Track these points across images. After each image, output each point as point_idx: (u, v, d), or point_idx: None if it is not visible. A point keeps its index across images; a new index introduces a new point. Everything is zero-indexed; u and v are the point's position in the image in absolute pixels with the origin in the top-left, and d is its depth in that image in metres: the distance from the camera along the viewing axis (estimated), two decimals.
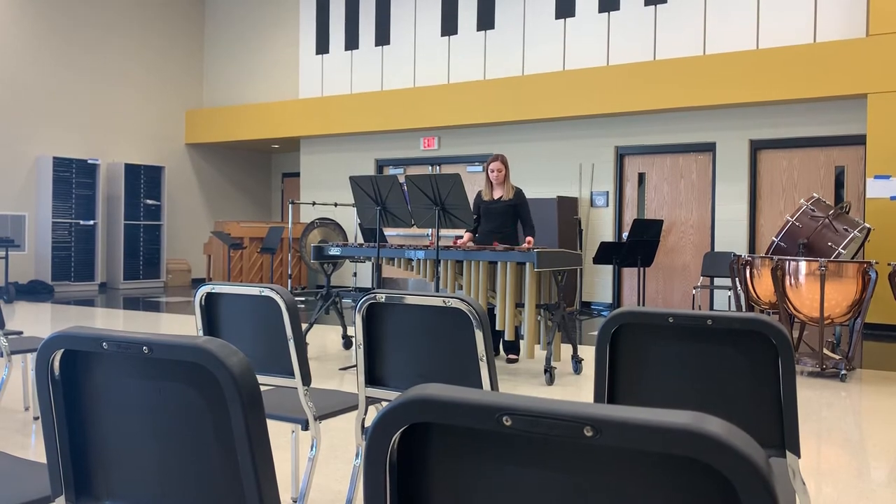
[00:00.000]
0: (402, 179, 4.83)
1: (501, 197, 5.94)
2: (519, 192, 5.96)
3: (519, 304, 5.38)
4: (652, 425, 0.69)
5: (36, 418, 4.16)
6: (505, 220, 5.94)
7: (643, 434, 0.69)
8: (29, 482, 1.72)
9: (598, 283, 10.10)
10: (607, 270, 10.01)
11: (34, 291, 11.47)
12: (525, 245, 5.66)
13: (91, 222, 12.10)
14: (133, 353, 1.16)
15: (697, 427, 0.67)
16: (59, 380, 1.26)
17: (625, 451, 0.74)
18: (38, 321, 8.23)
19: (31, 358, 4.37)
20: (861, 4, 8.30)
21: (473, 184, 10.45)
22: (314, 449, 2.48)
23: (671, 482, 0.72)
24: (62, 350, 1.24)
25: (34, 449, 3.62)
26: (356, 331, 2.27)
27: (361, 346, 2.29)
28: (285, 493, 3.01)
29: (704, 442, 0.67)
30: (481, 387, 2.12)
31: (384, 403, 2.41)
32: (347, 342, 6.58)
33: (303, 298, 11.17)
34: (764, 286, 5.93)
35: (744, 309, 6.26)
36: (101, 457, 1.28)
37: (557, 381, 5.33)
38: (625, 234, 9.83)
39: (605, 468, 0.75)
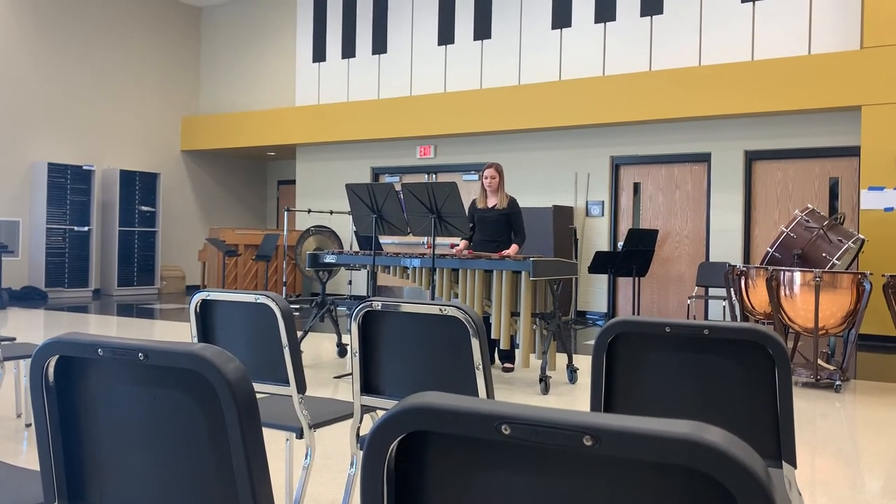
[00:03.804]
0: (398, 188, 4.84)
1: (495, 205, 5.95)
2: (512, 201, 5.97)
3: (514, 313, 5.38)
4: (652, 435, 0.68)
5: (28, 425, 4.13)
6: (498, 228, 5.95)
7: (643, 443, 0.69)
8: (21, 490, 1.71)
9: (593, 293, 10.11)
10: (602, 280, 10.02)
11: (27, 297, 11.42)
12: (507, 251, 5.68)
13: (85, 228, 12.07)
14: (129, 360, 1.15)
15: (697, 437, 0.67)
16: (53, 386, 1.25)
17: (624, 460, 0.73)
18: (31, 327, 8.20)
19: (23, 364, 4.35)
20: (855, 17, 8.35)
21: (469, 192, 10.45)
22: (308, 457, 2.47)
23: (670, 492, 0.72)
24: (57, 356, 1.23)
25: (25, 456, 3.59)
26: (352, 339, 2.27)
27: (357, 354, 2.28)
28: (279, 501, 2.99)
29: (704, 452, 0.67)
30: (477, 396, 2.11)
31: (379, 412, 2.40)
32: (342, 350, 6.56)
33: (297, 306, 11.15)
34: (759, 296, 5.94)
35: (738, 319, 6.27)
36: (95, 464, 1.27)
37: (552, 390, 5.32)
38: (620, 244, 9.84)
39: (604, 477, 0.75)
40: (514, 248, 5.83)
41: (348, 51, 12.16)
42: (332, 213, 11.34)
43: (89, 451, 1.27)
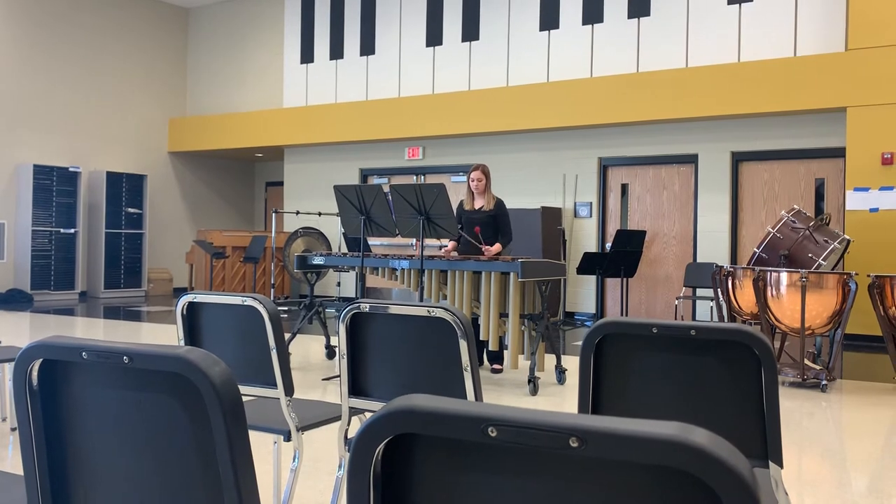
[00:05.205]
0: (386, 189, 4.84)
1: (482, 207, 5.96)
2: (499, 203, 5.98)
3: (503, 314, 5.38)
4: (637, 436, 0.69)
5: (14, 429, 4.10)
6: (485, 230, 5.96)
7: (629, 445, 0.69)
8: (6, 495, 1.69)
9: (581, 294, 10.13)
10: (590, 281, 10.04)
11: (13, 300, 11.33)
12: (489, 249, 5.68)
13: (72, 230, 11.98)
14: (113, 363, 1.14)
15: (683, 438, 0.67)
16: (37, 390, 1.24)
17: (610, 462, 0.73)
18: (16, 330, 8.13)
19: (8, 368, 4.31)
20: (840, 19, 8.42)
21: (457, 194, 10.45)
22: (296, 460, 2.46)
23: (657, 493, 0.72)
24: (41, 360, 1.22)
25: (11, 460, 3.56)
26: (340, 341, 2.26)
27: (345, 357, 2.27)
28: None
29: (690, 453, 0.67)
30: (466, 397, 2.11)
31: (367, 414, 2.40)
32: (330, 352, 6.54)
33: (286, 308, 11.11)
34: (746, 297, 5.97)
35: (726, 319, 6.30)
36: (80, 468, 1.26)
37: (541, 391, 5.33)
38: (608, 245, 9.87)
39: (591, 479, 0.75)
40: (496, 246, 5.82)
41: (336, 52, 12.14)
42: (320, 214, 11.32)
43: (74, 456, 1.26)
